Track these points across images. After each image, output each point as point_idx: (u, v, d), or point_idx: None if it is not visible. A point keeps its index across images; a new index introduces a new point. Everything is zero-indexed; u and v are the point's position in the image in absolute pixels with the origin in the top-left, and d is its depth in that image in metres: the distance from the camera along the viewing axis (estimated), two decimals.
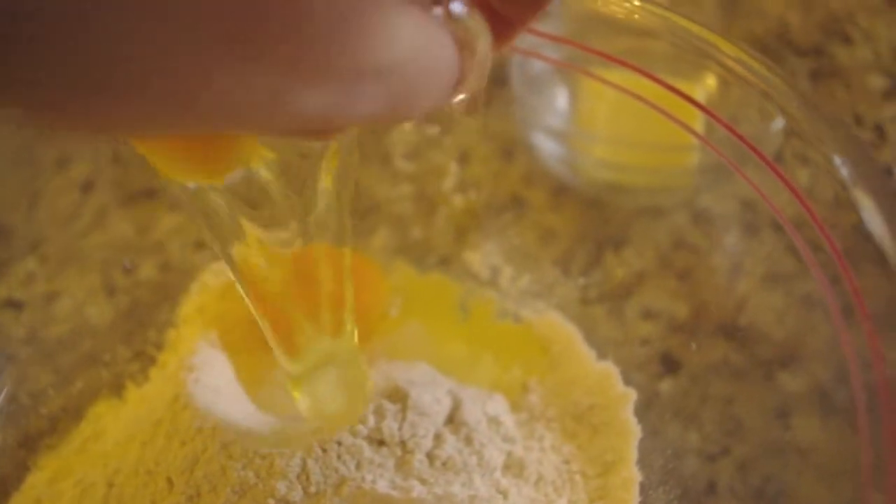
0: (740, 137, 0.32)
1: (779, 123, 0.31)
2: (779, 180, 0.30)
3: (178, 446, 0.29)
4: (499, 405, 0.33)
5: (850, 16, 0.59)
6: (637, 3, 0.33)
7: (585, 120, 0.44)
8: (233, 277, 0.24)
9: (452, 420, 0.31)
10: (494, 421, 0.32)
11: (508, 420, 0.32)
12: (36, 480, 0.32)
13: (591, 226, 0.43)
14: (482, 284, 0.40)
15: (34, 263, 0.40)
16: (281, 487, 0.27)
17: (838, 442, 0.30)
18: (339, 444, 0.28)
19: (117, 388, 0.36)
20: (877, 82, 0.53)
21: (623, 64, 0.34)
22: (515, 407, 0.34)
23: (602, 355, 0.37)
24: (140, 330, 0.38)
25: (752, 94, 0.31)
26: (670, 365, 0.37)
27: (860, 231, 0.27)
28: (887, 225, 0.25)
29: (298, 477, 0.27)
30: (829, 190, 0.28)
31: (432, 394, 0.31)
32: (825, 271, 0.28)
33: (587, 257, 0.41)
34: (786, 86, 0.29)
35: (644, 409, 0.35)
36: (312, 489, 0.27)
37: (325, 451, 0.28)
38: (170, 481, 0.28)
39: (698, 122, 0.35)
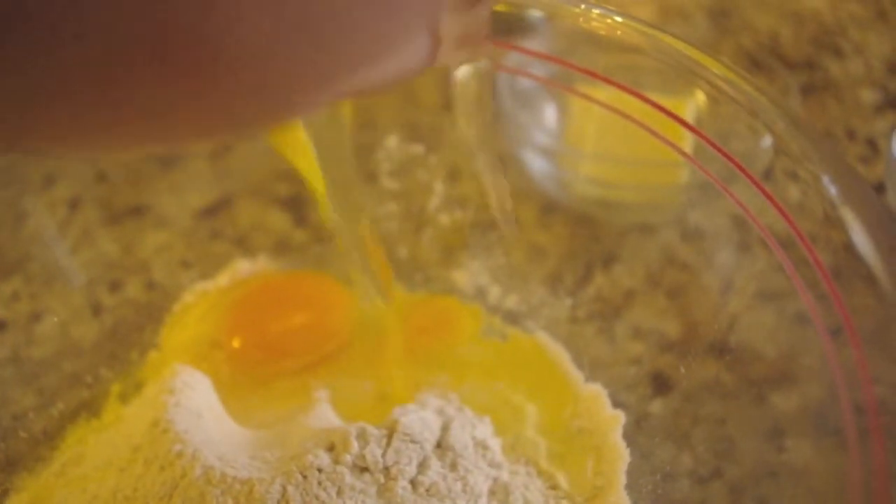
0: (727, 156, 0.31)
1: (769, 139, 0.30)
2: (766, 198, 0.30)
3: (157, 472, 0.28)
4: (486, 429, 0.32)
5: (842, 29, 0.59)
6: (624, 20, 0.33)
7: (574, 137, 0.44)
8: None
9: (439, 445, 0.31)
10: (481, 446, 0.31)
11: (495, 444, 0.32)
12: None
13: (580, 243, 0.42)
14: (469, 303, 0.40)
15: (19, 282, 0.40)
16: None
17: (832, 463, 0.29)
18: (320, 470, 0.28)
19: (98, 411, 0.35)
20: (869, 96, 0.53)
21: (610, 82, 0.34)
22: (502, 430, 0.33)
23: (591, 375, 0.37)
24: (123, 351, 0.38)
25: (741, 111, 0.31)
26: (661, 385, 0.36)
27: (849, 249, 0.26)
28: (874, 244, 0.25)
29: (278, 503, 0.27)
30: (818, 207, 0.28)
31: (422, 418, 0.31)
32: (813, 290, 0.28)
33: (576, 276, 0.41)
34: (772, 104, 0.29)
35: (634, 431, 0.34)
36: None
37: (305, 477, 0.28)
38: None
39: (686, 138, 0.35)
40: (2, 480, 0.33)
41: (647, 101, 0.34)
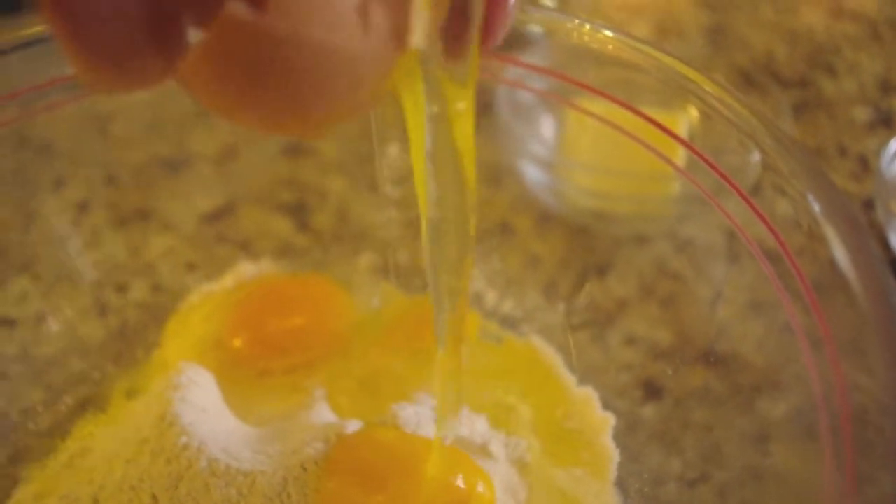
0: (717, 170, 0.32)
1: (758, 155, 0.31)
2: (754, 212, 0.31)
3: (164, 464, 0.29)
4: (482, 425, 0.33)
5: (836, 48, 0.60)
6: (621, 37, 0.34)
7: (570, 149, 0.45)
8: None
9: None
10: (476, 441, 0.32)
11: (490, 441, 0.33)
12: (23, 495, 0.32)
13: (575, 253, 0.43)
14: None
15: (28, 282, 0.40)
16: None
17: (813, 468, 0.30)
18: (318, 464, 0.29)
19: (105, 406, 0.36)
20: (861, 114, 0.54)
21: (606, 96, 0.35)
22: (496, 428, 0.34)
23: (584, 380, 0.37)
24: (129, 350, 0.39)
25: (731, 127, 0.32)
26: (652, 391, 0.37)
27: (832, 264, 0.27)
28: (853, 259, 0.26)
29: (280, 495, 0.28)
30: (803, 222, 0.29)
31: (419, 414, 0.32)
32: (797, 302, 0.29)
33: (571, 284, 0.42)
34: (761, 123, 0.30)
35: (625, 435, 0.35)
36: None
37: (305, 469, 0.28)
38: (154, 498, 0.29)
39: (679, 152, 0.36)
40: (11, 472, 0.34)
41: (641, 115, 0.34)
